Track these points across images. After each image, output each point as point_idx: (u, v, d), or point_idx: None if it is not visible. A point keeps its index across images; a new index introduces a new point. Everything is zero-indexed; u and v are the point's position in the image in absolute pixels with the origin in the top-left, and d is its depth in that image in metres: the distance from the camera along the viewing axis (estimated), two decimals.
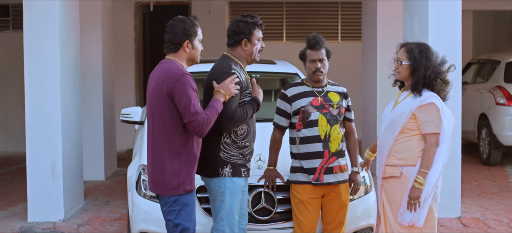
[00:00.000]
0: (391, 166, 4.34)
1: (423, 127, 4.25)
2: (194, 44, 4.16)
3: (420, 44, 4.42)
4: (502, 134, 9.62)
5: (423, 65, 4.28)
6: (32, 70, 6.70)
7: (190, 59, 4.19)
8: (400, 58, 4.38)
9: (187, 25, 4.12)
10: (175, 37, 4.12)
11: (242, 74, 4.32)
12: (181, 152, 4.04)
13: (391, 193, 4.36)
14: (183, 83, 3.96)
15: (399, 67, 4.38)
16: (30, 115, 6.71)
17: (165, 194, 4.08)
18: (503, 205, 7.48)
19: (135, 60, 12.05)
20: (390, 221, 4.36)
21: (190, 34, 4.12)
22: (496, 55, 10.78)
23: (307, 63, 4.64)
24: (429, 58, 4.31)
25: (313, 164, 4.53)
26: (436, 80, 4.30)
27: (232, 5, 12.59)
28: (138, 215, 4.85)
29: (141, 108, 6.36)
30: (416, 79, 4.30)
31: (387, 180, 4.37)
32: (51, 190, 6.73)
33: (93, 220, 6.83)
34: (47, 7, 6.65)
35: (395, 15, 8.71)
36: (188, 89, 3.96)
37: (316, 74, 4.60)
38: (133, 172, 5.16)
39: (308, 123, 4.55)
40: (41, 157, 6.72)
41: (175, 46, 4.13)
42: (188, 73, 4.01)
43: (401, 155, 4.31)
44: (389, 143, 4.35)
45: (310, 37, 4.63)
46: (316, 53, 4.60)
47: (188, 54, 4.15)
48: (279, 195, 4.73)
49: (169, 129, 4.02)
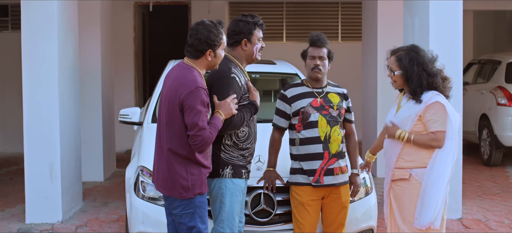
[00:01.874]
0: (400, 168, 4.30)
1: (429, 125, 4.22)
2: (217, 53, 4.05)
3: (409, 49, 4.35)
4: (503, 134, 9.58)
5: (416, 73, 4.24)
6: (30, 70, 6.66)
7: (210, 66, 4.10)
8: (392, 68, 4.36)
9: (213, 35, 3.99)
10: (199, 45, 4.00)
11: (241, 77, 4.27)
12: (189, 156, 3.97)
13: (400, 195, 4.31)
14: (196, 97, 3.89)
15: (392, 77, 4.36)
16: (28, 116, 6.68)
17: (175, 196, 4.02)
18: (505, 206, 7.44)
19: (134, 60, 12.00)
20: (398, 223, 4.32)
21: (214, 44, 4.01)
22: (497, 55, 10.75)
23: (307, 60, 4.60)
24: (421, 63, 4.26)
25: (313, 165, 4.49)
26: (436, 81, 4.26)
27: (231, 5, 12.55)
28: (136, 217, 4.81)
29: (140, 109, 6.32)
30: (411, 87, 4.27)
31: (396, 182, 4.33)
32: (49, 191, 6.69)
33: (91, 222, 6.79)
34: (45, 7, 6.61)
35: (396, 15, 8.68)
36: (199, 104, 3.88)
37: (314, 71, 4.55)
38: (132, 173, 5.12)
39: (308, 124, 4.51)
40: (39, 158, 6.68)
41: (197, 53, 4.03)
42: (203, 87, 3.93)
43: (410, 157, 4.26)
44: (397, 147, 4.30)
45: (313, 34, 4.60)
46: (317, 51, 4.56)
47: (209, 62, 4.06)
48: (278, 196, 4.69)
49: (178, 133, 3.96)
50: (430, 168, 4.21)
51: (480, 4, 12.14)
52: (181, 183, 3.97)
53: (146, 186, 4.80)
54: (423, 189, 4.21)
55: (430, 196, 4.19)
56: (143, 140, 5.44)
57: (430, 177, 4.20)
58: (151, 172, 4.81)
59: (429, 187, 4.20)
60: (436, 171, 4.20)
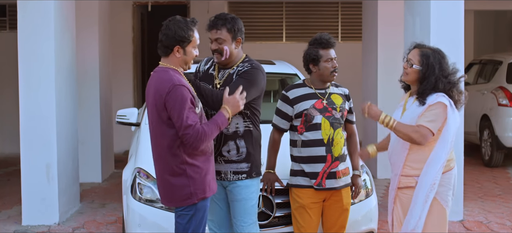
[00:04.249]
0: (406, 176, 4.18)
1: (419, 120, 4.08)
2: (186, 50, 3.92)
3: (436, 50, 4.20)
4: (504, 135, 9.51)
5: (435, 75, 4.09)
6: (27, 71, 6.60)
7: (181, 64, 3.97)
8: (412, 60, 4.18)
9: (181, 30, 3.87)
10: (166, 41, 3.90)
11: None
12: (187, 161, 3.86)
13: (407, 204, 4.18)
14: (174, 96, 3.76)
15: (408, 68, 4.20)
16: (24, 117, 6.61)
17: (179, 205, 3.92)
18: (506, 208, 7.37)
19: (133, 60, 11.95)
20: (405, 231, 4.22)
21: (182, 40, 3.89)
22: (498, 56, 10.68)
23: (321, 63, 4.45)
24: (443, 68, 4.12)
25: (316, 168, 4.41)
26: (452, 90, 4.14)
27: (231, 4, 12.49)
28: (133, 220, 4.74)
29: (138, 109, 6.27)
30: (423, 87, 4.11)
31: (403, 190, 4.21)
32: (45, 193, 6.63)
33: (88, 223, 6.73)
34: (42, 7, 6.55)
35: (396, 15, 8.62)
36: (178, 102, 3.76)
37: (333, 73, 4.47)
38: (128, 175, 5.05)
39: (311, 126, 4.42)
40: (36, 159, 6.61)
41: (166, 50, 3.92)
42: (179, 84, 3.79)
43: (416, 165, 4.15)
44: (403, 153, 4.18)
45: (326, 36, 4.48)
46: (332, 52, 4.47)
47: (179, 59, 3.93)
48: (278, 199, 4.62)
49: (170, 141, 3.83)
50: (424, 174, 4.09)
51: (481, 4, 12.09)
52: (181, 191, 3.87)
53: (143, 188, 4.73)
54: (414, 195, 4.11)
55: (417, 202, 4.09)
56: (140, 141, 5.37)
57: (423, 182, 4.09)
58: (148, 174, 4.75)
59: (420, 193, 4.09)
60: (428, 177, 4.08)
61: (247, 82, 4.20)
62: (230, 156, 4.27)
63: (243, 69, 4.29)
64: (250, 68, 4.28)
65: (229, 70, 4.32)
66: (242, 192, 4.28)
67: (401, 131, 4.07)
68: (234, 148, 4.27)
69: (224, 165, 4.29)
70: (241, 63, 4.33)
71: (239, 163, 4.27)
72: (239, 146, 4.27)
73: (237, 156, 4.27)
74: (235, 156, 4.27)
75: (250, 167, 4.29)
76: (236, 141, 4.27)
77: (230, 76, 4.30)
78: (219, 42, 4.24)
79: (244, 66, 4.31)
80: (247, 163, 4.28)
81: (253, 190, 4.31)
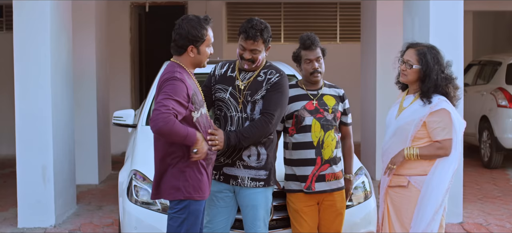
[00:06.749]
0: (399, 175, 4.16)
1: (435, 134, 4.06)
2: (200, 49, 3.86)
3: (430, 47, 4.18)
4: (503, 136, 9.47)
5: (435, 72, 4.07)
6: (22, 72, 6.55)
7: (194, 64, 3.92)
8: (410, 61, 4.14)
9: (194, 29, 3.80)
10: (179, 40, 3.83)
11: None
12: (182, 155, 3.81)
13: (398, 203, 4.18)
14: (168, 83, 3.72)
15: (407, 70, 4.16)
16: (20, 118, 6.56)
17: (166, 198, 3.87)
18: (506, 209, 7.32)
19: (130, 61, 11.90)
20: (396, 229, 4.18)
21: (196, 40, 3.82)
22: (497, 56, 10.64)
23: (302, 64, 4.41)
24: (440, 63, 4.11)
25: (305, 171, 4.33)
26: (449, 86, 4.11)
27: (229, 5, 12.45)
28: (129, 222, 4.68)
29: (134, 111, 6.21)
30: (427, 86, 4.08)
31: (394, 189, 4.19)
32: (41, 195, 6.57)
33: (85, 226, 6.67)
34: (37, 8, 6.50)
35: (395, 16, 8.58)
36: (168, 89, 3.70)
37: (314, 75, 4.38)
38: (124, 177, 5.00)
39: (301, 128, 4.34)
40: (32, 161, 6.56)
41: (179, 50, 3.86)
42: (181, 78, 3.75)
43: (409, 164, 4.12)
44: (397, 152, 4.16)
45: (305, 37, 4.39)
46: (312, 53, 4.37)
47: (193, 59, 3.88)
48: (275, 202, 4.55)
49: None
50: (431, 175, 4.07)
51: (480, 4, 12.04)
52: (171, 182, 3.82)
53: (139, 190, 4.68)
54: (421, 197, 4.08)
55: (427, 204, 4.06)
56: (137, 143, 5.32)
57: (430, 184, 4.07)
58: (144, 176, 4.70)
59: (428, 195, 4.07)
60: (436, 179, 4.07)
61: (282, 95, 4.18)
62: (249, 161, 4.17)
63: (273, 78, 4.19)
64: (280, 78, 4.20)
65: (252, 74, 4.22)
66: (257, 198, 4.20)
67: (426, 154, 4.09)
68: (255, 154, 4.18)
69: (242, 170, 4.19)
70: (264, 69, 4.24)
71: (258, 169, 4.18)
72: (260, 153, 4.19)
73: (257, 162, 4.18)
74: (254, 161, 4.18)
75: (268, 174, 4.22)
76: (257, 147, 4.18)
77: (258, 82, 4.19)
78: (254, 53, 4.14)
79: (272, 74, 4.21)
80: (266, 170, 4.21)
81: (268, 197, 4.27)
